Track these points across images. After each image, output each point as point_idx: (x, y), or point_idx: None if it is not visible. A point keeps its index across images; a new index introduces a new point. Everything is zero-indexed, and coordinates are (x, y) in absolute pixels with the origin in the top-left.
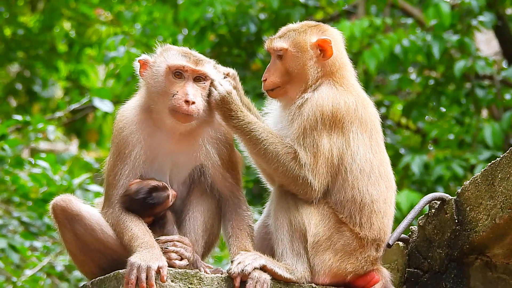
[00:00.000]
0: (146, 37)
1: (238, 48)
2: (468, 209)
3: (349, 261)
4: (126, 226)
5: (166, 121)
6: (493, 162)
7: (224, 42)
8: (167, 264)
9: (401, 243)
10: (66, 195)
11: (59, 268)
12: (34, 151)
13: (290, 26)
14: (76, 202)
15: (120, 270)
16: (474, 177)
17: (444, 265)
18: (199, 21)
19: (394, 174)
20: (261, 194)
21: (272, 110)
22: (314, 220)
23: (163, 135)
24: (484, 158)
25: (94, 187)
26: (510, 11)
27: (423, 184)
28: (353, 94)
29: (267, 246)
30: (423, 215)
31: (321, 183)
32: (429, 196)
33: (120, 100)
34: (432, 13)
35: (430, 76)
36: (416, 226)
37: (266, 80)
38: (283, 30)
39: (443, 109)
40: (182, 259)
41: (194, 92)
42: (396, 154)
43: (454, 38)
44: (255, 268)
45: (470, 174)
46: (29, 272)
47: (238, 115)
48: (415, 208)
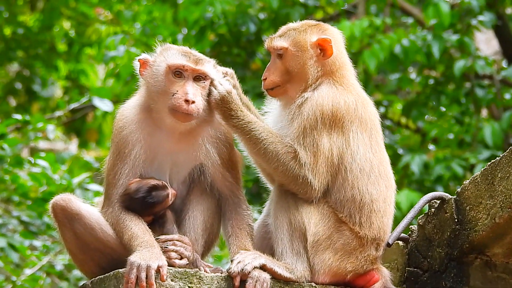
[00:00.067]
0: (146, 36)
1: (237, 47)
2: (468, 208)
3: (349, 260)
4: (125, 225)
5: (166, 120)
6: (492, 161)
7: (223, 42)
8: (167, 263)
9: (401, 242)
10: (66, 194)
11: (59, 267)
12: (34, 151)
13: (290, 25)
14: (75, 202)
15: (120, 269)
16: (474, 176)
17: (444, 264)
18: (199, 20)
19: (394, 173)
20: (260, 193)
21: (272, 109)
22: (314, 219)
23: (163, 134)
24: (483, 157)
25: (94, 186)
26: (510, 11)
27: (423, 183)
28: (353, 94)
29: (267, 245)
30: (423, 215)
31: (321, 183)
32: (429, 195)
33: (120, 99)
34: (431, 12)
35: (430, 75)
36: (416, 226)
37: (266, 79)
38: (283, 29)
39: (443, 108)
40: (181, 258)
41: (194, 91)
42: (394, 154)
43: (454, 37)
44: (255, 267)
45: (469, 174)
46: (28, 271)
47: (238, 115)
48: (415, 207)
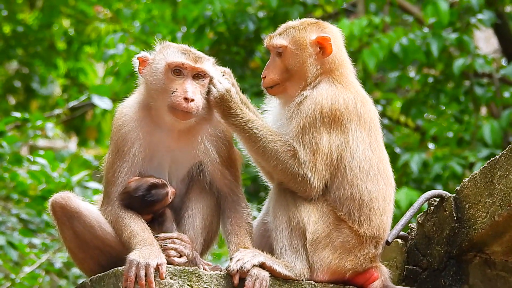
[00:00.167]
0: (145, 34)
1: (236, 46)
2: (467, 206)
3: (348, 258)
4: (125, 223)
5: (165, 118)
6: (492, 159)
7: (223, 40)
8: (166, 261)
9: (400, 241)
10: (65, 192)
11: (58, 265)
12: (33, 149)
13: (290, 23)
14: (75, 200)
15: (119, 267)
16: (473, 174)
17: (443, 262)
18: (198, 18)
19: (393, 171)
20: (258, 192)
21: (271, 107)
22: (313, 217)
23: (162, 133)
24: (483, 156)
25: (93, 184)
26: (509, 9)
27: (422, 181)
28: (352, 92)
29: (266, 243)
30: (422, 213)
31: (320, 181)
32: (428, 193)
33: (119, 97)
34: (430, 11)
35: (429, 74)
36: (415, 224)
37: (265, 77)
38: (283, 27)
39: (442, 107)
40: (181, 256)
41: (193, 89)
42: (392, 153)
43: (453, 36)
44: (254, 265)
45: (469, 172)
46: (27, 269)
47: (237, 113)
48: (414, 205)
